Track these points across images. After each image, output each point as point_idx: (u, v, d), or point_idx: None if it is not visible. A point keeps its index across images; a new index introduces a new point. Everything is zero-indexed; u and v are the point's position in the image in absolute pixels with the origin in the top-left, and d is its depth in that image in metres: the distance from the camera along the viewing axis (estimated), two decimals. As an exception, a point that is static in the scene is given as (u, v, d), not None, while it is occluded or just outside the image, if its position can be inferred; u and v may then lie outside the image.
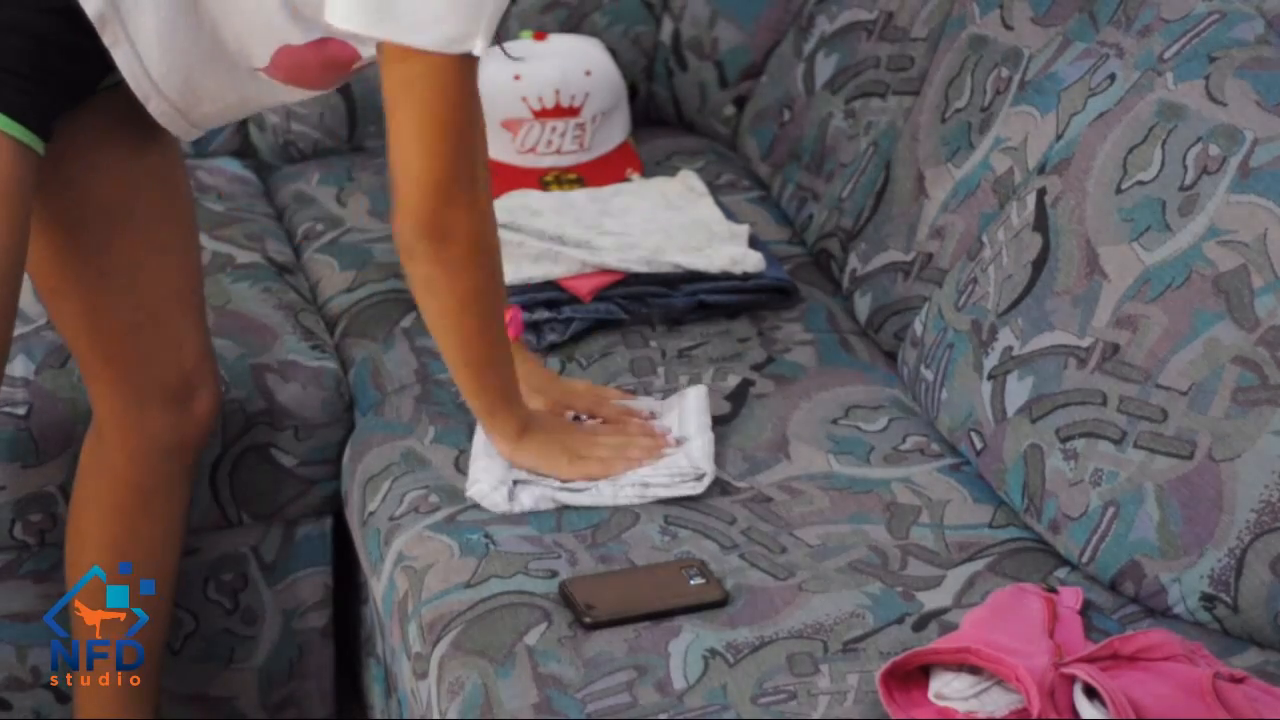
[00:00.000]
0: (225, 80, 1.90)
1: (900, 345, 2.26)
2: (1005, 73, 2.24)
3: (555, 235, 2.33)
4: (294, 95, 1.95)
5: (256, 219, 2.58)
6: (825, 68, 2.56)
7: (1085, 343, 1.96)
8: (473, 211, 1.88)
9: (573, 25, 2.78)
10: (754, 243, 2.41)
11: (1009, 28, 2.26)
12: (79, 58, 1.83)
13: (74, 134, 1.90)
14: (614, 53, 2.72)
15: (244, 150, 2.77)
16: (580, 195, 2.48)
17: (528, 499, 2.00)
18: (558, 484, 2.01)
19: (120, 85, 1.87)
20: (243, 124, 2.76)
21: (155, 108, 1.88)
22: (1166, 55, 2.03)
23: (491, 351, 1.98)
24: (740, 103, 2.76)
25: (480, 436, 2.07)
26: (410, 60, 1.80)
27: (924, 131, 2.32)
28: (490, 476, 2.01)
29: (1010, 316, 2.05)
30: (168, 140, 2.01)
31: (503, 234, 2.34)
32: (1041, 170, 2.11)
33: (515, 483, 2.00)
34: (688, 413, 2.10)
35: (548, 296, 2.27)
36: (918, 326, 2.22)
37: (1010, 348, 2.04)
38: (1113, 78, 2.08)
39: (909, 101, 2.39)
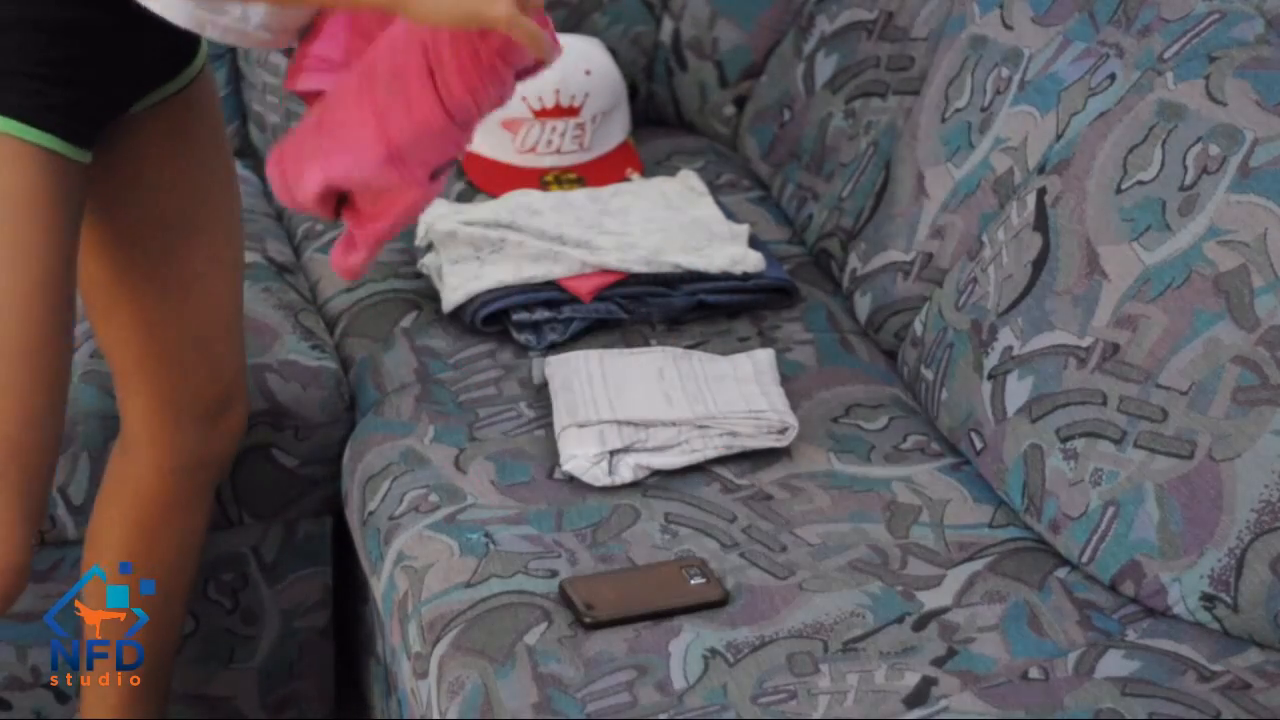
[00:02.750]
0: None
1: (900, 345, 2.26)
2: (1005, 73, 2.24)
3: (555, 235, 2.33)
4: None
5: (256, 219, 2.58)
6: (825, 67, 2.56)
7: (1085, 342, 1.96)
8: None
9: (573, 25, 2.78)
10: (754, 243, 2.41)
11: (1009, 28, 2.26)
12: (115, 58, 1.79)
13: (134, 146, 1.89)
14: (614, 52, 2.72)
15: (244, 150, 2.76)
16: (580, 195, 2.48)
17: (626, 471, 2.02)
18: (649, 448, 2.02)
19: (179, 94, 1.84)
20: (243, 124, 2.76)
21: None
22: (1166, 55, 2.03)
23: None
24: (740, 103, 2.76)
25: (561, 407, 2.08)
26: None
27: (924, 131, 2.32)
28: (586, 450, 2.02)
29: (1010, 316, 2.05)
30: (227, 151, 2.01)
31: (503, 234, 2.34)
32: (1041, 170, 2.11)
33: (611, 454, 2.02)
34: (762, 368, 2.14)
35: (548, 296, 2.27)
36: (918, 326, 2.22)
37: (1010, 347, 2.04)
38: (1113, 78, 2.08)
39: (909, 101, 2.39)
